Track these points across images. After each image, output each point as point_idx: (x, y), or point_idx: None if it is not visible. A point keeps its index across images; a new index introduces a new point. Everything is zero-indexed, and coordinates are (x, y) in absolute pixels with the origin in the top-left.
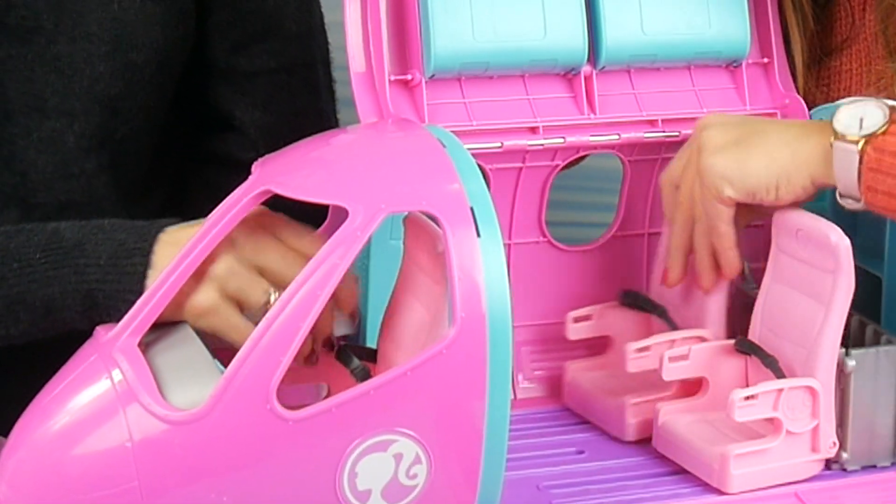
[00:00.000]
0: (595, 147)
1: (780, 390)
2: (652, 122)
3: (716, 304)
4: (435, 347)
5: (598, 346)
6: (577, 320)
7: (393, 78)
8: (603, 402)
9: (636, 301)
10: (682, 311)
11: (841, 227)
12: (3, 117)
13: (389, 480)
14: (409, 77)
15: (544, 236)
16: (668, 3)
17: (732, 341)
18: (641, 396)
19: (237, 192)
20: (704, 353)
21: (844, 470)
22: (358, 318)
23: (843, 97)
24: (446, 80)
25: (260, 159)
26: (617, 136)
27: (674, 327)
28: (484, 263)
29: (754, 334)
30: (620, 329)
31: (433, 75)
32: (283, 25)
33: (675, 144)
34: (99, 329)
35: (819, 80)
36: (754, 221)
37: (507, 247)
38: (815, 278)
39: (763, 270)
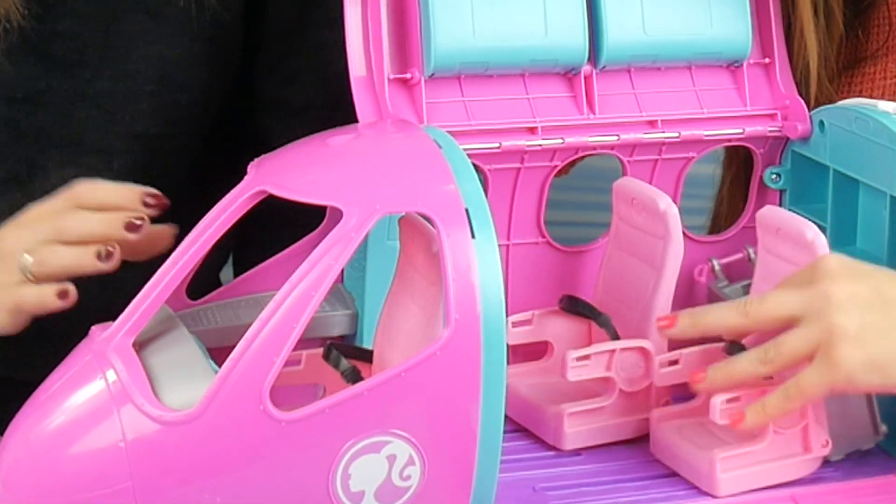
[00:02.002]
0: (594, 148)
1: (764, 391)
2: (652, 123)
3: (657, 314)
4: (429, 349)
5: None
6: (515, 325)
7: (392, 76)
8: (541, 410)
9: (577, 307)
10: (624, 320)
11: (841, 231)
12: (38, 150)
13: (383, 482)
14: (408, 76)
15: (543, 237)
16: (670, 2)
17: (723, 345)
18: (581, 405)
19: (233, 193)
20: (695, 357)
21: (828, 461)
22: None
23: None
24: (446, 79)
25: (256, 160)
26: (616, 137)
27: (615, 336)
28: (478, 265)
29: None
30: (560, 335)
31: (433, 74)
32: (331, 61)
33: (675, 145)
34: (94, 329)
35: (851, 87)
36: None
37: (506, 247)
38: None
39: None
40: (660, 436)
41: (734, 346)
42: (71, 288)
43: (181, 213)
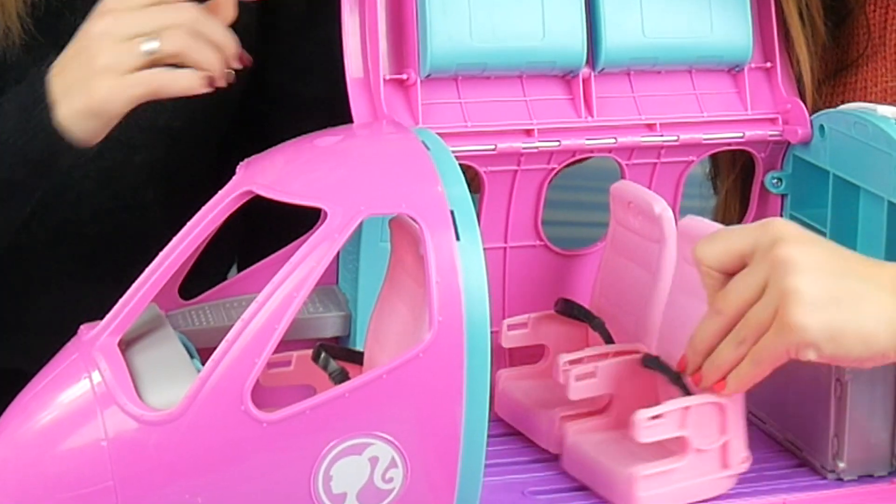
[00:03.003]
0: (591, 150)
1: (687, 408)
2: (650, 126)
3: (653, 319)
4: (411, 351)
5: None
6: (511, 328)
7: (388, 77)
8: (534, 413)
9: (572, 310)
10: (619, 324)
11: (841, 236)
12: None
13: (365, 484)
14: (404, 77)
15: (540, 240)
16: (670, 5)
17: (640, 357)
18: (575, 409)
19: (220, 193)
20: (612, 369)
21: (841, 480)
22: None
23: None
24: (442, 80)
25: (245, 160)
26: (614, 140)
27: (609, 340)
28: (463, 268)
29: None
30: (556, 339)
31: (429, 75)
32: (340, 55)
33: (674, 149)
34: (83, 327)
35: (833, 96)
36: None
37: (503, 250)
38: None
39: None
40: (574, 450)
41: (650, 360)
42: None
43: (201, 206)
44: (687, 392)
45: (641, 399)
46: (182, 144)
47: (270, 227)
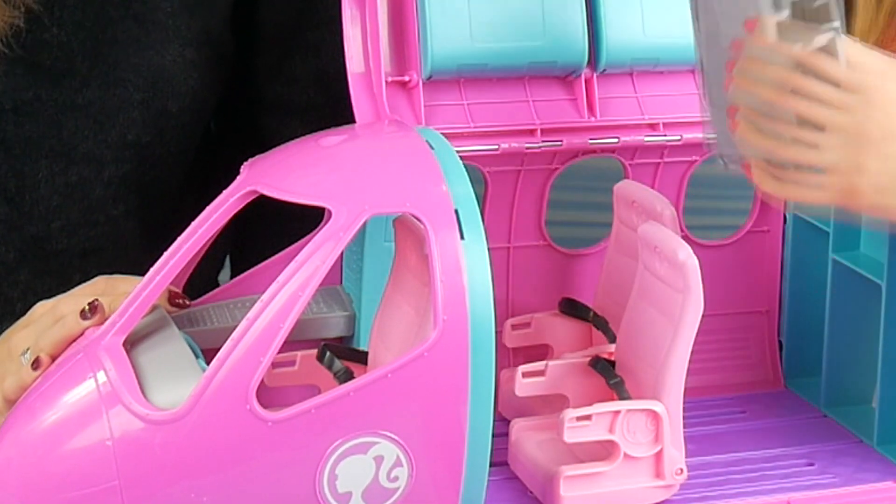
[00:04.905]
0: (594, 150)
1: (617, 412)
2: (653, 126)
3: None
4: (416, 350)
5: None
6: (515, 327)
7: (390, 79)
8: (535, 413)
9: (576, 310)
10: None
11: (845, 236)
12: (27, 162)
13: (370, 483)
14: (406, 78)
15: (544, 239)
16: (670, 4)
17: (588, 359)
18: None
19: (224, 193)
20: (560, 369)
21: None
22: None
23: None
24: (444, 82)
25: (249, 160)
26: (616, 140)
27: (612, 338)
28: (467, 266)
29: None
30: (560, 338)
31: (431, 76)
32: (331, 60)
33: (677, 148)
34: (88, 330)
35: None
36: None
37: (507, 250)
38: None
39: None
40: (516, 448)
41: (598, 362)
42: (43, 357)
43: (180, 217)
44: (625, 397)
45: (593, 401)
46: (153, 159)
47: (264, 227)
